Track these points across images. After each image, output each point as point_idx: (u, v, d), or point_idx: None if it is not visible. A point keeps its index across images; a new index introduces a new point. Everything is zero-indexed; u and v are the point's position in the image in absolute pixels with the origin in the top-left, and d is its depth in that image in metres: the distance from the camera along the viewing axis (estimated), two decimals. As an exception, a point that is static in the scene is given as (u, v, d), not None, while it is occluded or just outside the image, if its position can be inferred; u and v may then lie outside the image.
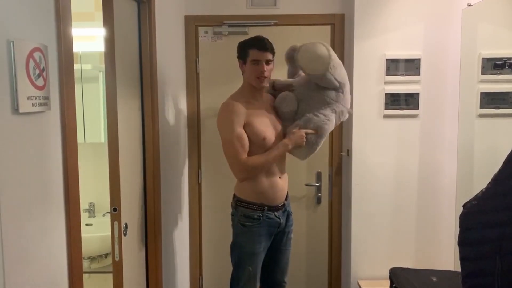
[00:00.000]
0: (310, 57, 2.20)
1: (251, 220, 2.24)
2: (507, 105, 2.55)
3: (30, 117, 1.20)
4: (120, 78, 1.98)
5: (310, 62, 2.21)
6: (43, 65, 1.23)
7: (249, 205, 2.25)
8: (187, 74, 3.05)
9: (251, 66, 2.20)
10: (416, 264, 2.89)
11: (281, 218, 2.31)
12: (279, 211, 2.30)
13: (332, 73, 2.21)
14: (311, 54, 2.20)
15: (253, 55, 2.18)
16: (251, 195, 2.24)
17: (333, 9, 3.01)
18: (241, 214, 2.27)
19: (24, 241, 1.19)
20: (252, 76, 2.21)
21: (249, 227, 2.25)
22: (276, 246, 2.37)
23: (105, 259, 3.09)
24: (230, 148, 2.18)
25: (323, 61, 2.18)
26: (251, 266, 2.25)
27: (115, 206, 1.96)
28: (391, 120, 2.86)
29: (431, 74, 2.83)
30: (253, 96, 2.27)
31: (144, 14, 2.25)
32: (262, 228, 2.25)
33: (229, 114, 2.17)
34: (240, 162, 2.16)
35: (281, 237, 2.37)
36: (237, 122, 2.15)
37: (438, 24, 2.81)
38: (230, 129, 2.15)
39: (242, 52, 2.23)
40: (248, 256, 2.26)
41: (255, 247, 2.25)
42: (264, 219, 2.24)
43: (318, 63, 2.19)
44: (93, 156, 3.07)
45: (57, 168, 1.36)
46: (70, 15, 1.42)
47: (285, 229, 2.37)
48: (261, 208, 2.24)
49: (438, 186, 2.90)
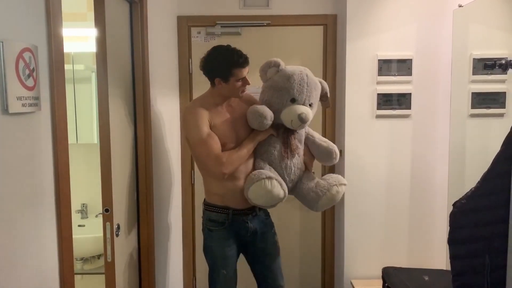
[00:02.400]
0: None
1: (216, 224, 2.21)
2: (497, 105, 2.57)
3: (20, 117, 1.20)
4: (112, 79, 1.98)
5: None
6: (33, 65, 1.23)
7: (214, 208, 2.21)
8: (180, 74, 3.05)
9: (235, 84, 2.11)
10: (409, 263, 2.91)
11: (251, 222, 2.25)
12: (247, 215, 2.24)
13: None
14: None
15: (240, 74, 2.09)
16: (216, 198, 2.20)
17: (326, 9, 3.02)
18: (207, 219, 2.24)
19: (14, 243, 1.19)
20: (237, 92, 2.15)
21: (215, 231, 2.22)
22: (263, 253, 2.33)
23: (98, 260, 3.08)
24: (202, 148, 2.09)
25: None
26: (225, 269, 2.22)
27: (107, 207, 1.96)
28: (384, 120, 2.87)
29: (423, 75, 2.85)
30: (222, 103, 2.20)
31: (136, 14, 2.24)
32: (228, 232, 2.22)
33: (193, 117, 2.11)
34: (216, 156, 2.06)
35: (264, 242, 2.32)
36: (204, 123, 2.09)
37: (430, 25, 2.83)
38: (199, 131, 2.08)
39: (224, 72, 2.09)
40: (221, 260, 2.23)
41: (225, 251, 2.22)
42: (230, 222, 2.20)
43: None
44: (85, 157, 3.06)
45: (48, 169, 1.36)
46: (61, 15, 1.41)
47: (265, 234, 2.32)
48: (226, 212, 2.19)
49: (430, 185, 2.91)
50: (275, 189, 2.08)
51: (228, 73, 2.09)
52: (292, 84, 2.11)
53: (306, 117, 2.09)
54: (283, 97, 2.13)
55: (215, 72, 2.13)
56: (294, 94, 2.12)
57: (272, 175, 2.11)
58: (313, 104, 2.19)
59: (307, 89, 2.13)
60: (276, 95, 2.15)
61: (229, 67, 2.08)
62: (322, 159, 2.32)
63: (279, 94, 2.14)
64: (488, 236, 1.35)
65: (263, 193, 2.09)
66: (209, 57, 2.14)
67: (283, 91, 2.13)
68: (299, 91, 2.12)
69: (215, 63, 2.13)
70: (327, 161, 2.31)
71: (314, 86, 2.17)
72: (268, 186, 2.07)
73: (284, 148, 2.19)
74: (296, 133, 2.22)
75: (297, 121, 2.10)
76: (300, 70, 2.16)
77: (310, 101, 2.16)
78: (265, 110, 2.11)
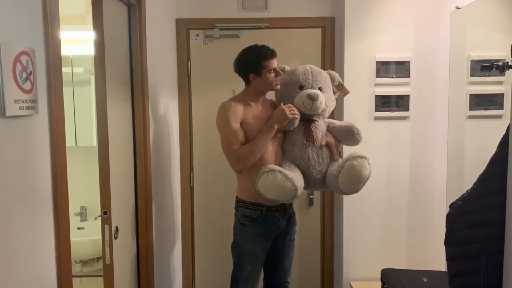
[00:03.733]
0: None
1: (249, 219, 2.27)
2: (495, 107, 2.57)
3: (17, 120, 1.20)
4: (110, 81, 1.98)
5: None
6: (30, 68, 1.23)
7: (248, 205, 2.28)
8: (178, 77, 3.06)
9: (268, 76, 2.22)
10: (408, 265, 2.91)
11: (281, 218, 2.32)
12: (279, 211, 2.31)
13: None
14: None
15: (270, 65, 2.21)
16: (249, 196, 2.26)
17: (324, 12, 3.03)
18: (240, 214, 2.30)
19: (11, 245, 1.19)
20: (271, 84, 2.25)
21: (248, 227, 2.27)
22: (278, 247, 2.39)
23: (97, 262, 3.08)
24: (224, 142, 2.21)
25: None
26: (251, 265, 2.27)
27: (105, 209, 1.96)
28: (382, 122, 2.88)
29: (421, 76, 2.86)
30: (256, 101, 2.29)
31: (135, 17, 2.25)
32: (261, 228, 2.27)
33: (225, 112, 2.21)
34: (232, 152, 2.18)
35: (283, 238, 2.39)
36: (233, 118, 2.19)
37: (428, 27, 2.84)
38: (226, 125, 2.19)
39: (255, 66, 2.22)
40: (248, 256, 2.28)
41: (253, 247, 2.28)
42: (263, 219, 2.26)
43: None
44: (85, 160, 3.06)
45: (46, 171, 1.36)
46: (58, 18, 1.42)
47: (287, 230, 2.39)
48: (259, 209, 2.26)
49: (428, 187, 2.92)
50: (278, 181, 2.11)
51: (259, 66, 2.21)
52: (297, 75, 2.29)
53: (315, 94, 2.21)
54: (292, 88, 2.28)
55: (247, 68, 2.25)
56: (300, 81, 2.27)
57: (276, 168, 2.14)
58: (322, 88, 2.29)
59: (312, 76, 2.28)
60: (286, 88, 2.30)
61: (259, 61, 2.21)
62: (346, 139, 2.34)
63: (288, 87, 2.29)
64: (485, 237, 1.35)
65: (269, 185, 2.13)
66: (240, 57, 2.28)
67: (291, 83, 2.29)
68: (305, 78, 2.28)
69: (246, 60, 2.26)
70: (351, 139, 2.33)
71: (319, 73, 2.31)
72: (270, 178, 2.12)
73: (306, 138, 2.25)
74: (315, 122, 2.27)
75: (307, 100, 2.21)
76: (303, 65, 2.35)
77: (318, 85, 2.28)
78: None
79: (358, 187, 2.22)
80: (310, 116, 2.27)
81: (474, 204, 1.38)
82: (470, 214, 1.39)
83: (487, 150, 2.37)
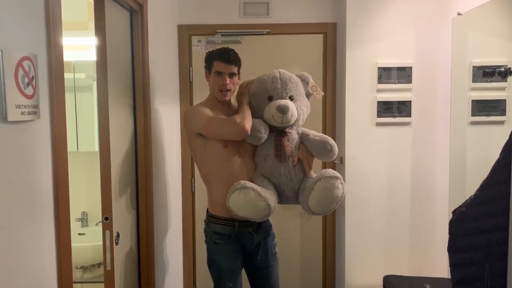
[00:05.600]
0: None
1: (221, 237, 2.18)
2: (498, 113, 2.57)
3: (19, 125, 1.20)
4: (112, 87, 1.98)
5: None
6: (32, 74, 1.23)
7: (220, 221, 2.18)
8: (180, 82, 3.07)
9: (214, 78, 2.15)
10: (410, 271, 2.89)
11: (255, 234, 2.22)
12: (252, 226, 2.20)
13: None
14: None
15: (217, 67, 2.13)
16: (222, 210, 2.15)
17: (326, 18, 3.04)
18: (212, 231, 2.20)
19: (11, 251, 1.18)
20: (215, 88, 2.17)
21: (221, 245, 2.18)
22: (262, 265, 2.29)
23: (98, 268, 3.06)
24: (213, 123, 2.08)
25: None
26: (231, 282, 2.21)
27: (106, 215, 1.95)
28: (384, 128, 2.87)
29: (422, 82, 2.86)
30: (219, 106, 2.21)
31: (137, 23, 2.26)
32: (235, 243, 2.19)
33: (194, 110, 2.18)
34: (229, 120, 2.06)
35: (265, 255, 2.28)
36: (206, 111, 2.12)
37: (429, 33, 2.84)
38: (202, 115, 2.10)
39: (207, 62, 2.19)
40: (227, 273, 2.21)
41: (231, 263, 2.21)
42: (236, 235, 2.17)
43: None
44: (86, 165, 3.06)
45: (47, 177, 1.36)
46: (61, 24, 1.42)
47: (266, 245, 2.27)
48: (231, 224, 2.16)
49: (430, 193, 2.91)
50: (250, 199, 2.00)
51: (210, 64, 2.18)
52: (265, 84, 2.14)
53: (284, 107, 2.05)
54: (260, 99, 2.15)
55: (205, 63, 2.22)
56: (269, 91, 2.13)
57: (248, 185, 2.02)
58: (293, 96, 2.14)
59: (280, 83, 2.13)
60: (254, 99, 2.16)
61: (212, 58, 2.17)
62: (319, 154, 2.16)
63: (256, 98, 2.16)
64: (488, 244, 1.35)
65: (240, 203, 2.03)
66: (208, 51, 2.26)
67: (259, 93, 2.15)
68: (273, 87, 2.12)
69: (207, 54, 2.22)
70: (324, 155, 2.16)
71: (288, 79, 2.15)
72: (242, 197, 2.01)
73: (277, 152, 2.12)
74: (288, 135, 2.14)
75: (277, 113, 2.06)
76: (272, 71, 2.19)
77: (289, 93, 2.13)
78: (259, 123, 2.10)
79: (329, 208, 2.11)
80: (281, 128, 2.14)
81: (478, 211, 1.37)
82: (474, 221, 1.38)
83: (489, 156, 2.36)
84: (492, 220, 1.34)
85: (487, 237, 1.35)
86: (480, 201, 1.37)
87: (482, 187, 1.37)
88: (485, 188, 1.36)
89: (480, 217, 1.37)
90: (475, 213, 1.38)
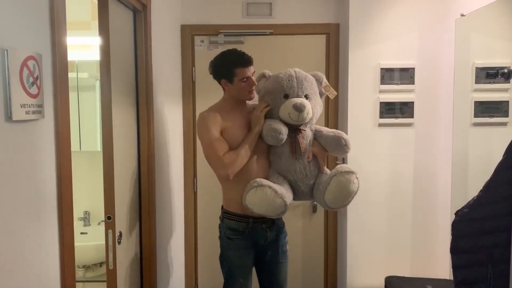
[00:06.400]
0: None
1: (236, 233, 2.20)
2: (500, 114, 2.56)
3: (24, 125, 1.21)
4: (115, 87, 1.99)
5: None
6: (37, 73, 1.24)
7: (235, 217, 2.20)
8: (183, 82, 3.07)
9: (240, 84, 2.15)
10: (412, 272, 2.89)
11: (269, 230, 2.24)
12: (266, 223, 2.22)
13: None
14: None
15: (242, 74, 2.13)
16: (236, 206, 2.18)
17: (328, 18, 3.04)
18: (226, 227, 2.23)
19: (15, 250, 1.19)
20: (244, 93, 2.18)
21: (234, 240, 2.21)
22: (271, 261, 2.31)
23: (100, 268, 3.07)
24: (209, 150, 2.11)
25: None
26: (242, 278, 2.23)
27: (109, 214, 1.96)
28: (386, 129, 2.87)
29: (425, 83, 2.85)
30: (235, 108, 2.22)
31: (140, 23, 2.26)
32: (248, 240, 2.21)
33: (204, 122, 2.15)
34: (219, 157, 2.07)
35: (275, 251, 2.30)
36: (214, 128, 2.12)
37: (432, 33, 2.84)
38: (208, 134, 2.11)
39: (226, 73, 2.16)
40: (239, 269, 2.24)
41: (243, 259, 2.23)
42: (250, 231, 2.19)
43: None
44: (89, 165, 3.07)
45: (51, 176, 1.37)
46: (65, 24, 1.43)
47: (278, 242, 2.30)
48: (246, 220, 2.19)
49: (433, 194, 2.90)
50: (267, 197, 2.04)
51: (230, 73, 2.14)
52: (281, 82, 2.15)
53: (301, 105, 2.07)
54: (276, 97, 2.16)
55: (220, 73, 2.20)
56: (285, 89, 2.14)
57: (265, 183, 2.07)
58: (309, 95, 2.17)
59: (297, 82, 2.15)
60: (270, 97, 2.18)
61: (231, 67, 2.14)
62: (334, 149, 2.20)
63: (272, 95, 2.17)
64: (491, 245, 1.34)
65: (257, 201, 2.07)
66: (215, 60, 2.22)
67: (275, 91, 2.16)
68: (289, 86, 2.14)
69: (219, 64, 2.20)
70: (338, 150, 2.20)
71: (304, 78, 2.18)
72: (259, 194, 2.05)
73: (292, 149, 2.15)
74: (302, 132, 2.17)
75: (293, 111, 2.08)
76: (287, 69, 2.20)
77: (304, 92, 2.15)
78: (279, 125, 2.12)
79: (346, 202, 2.13)
80: (296, 126, 2.16)
81: (480, 212, 1.37)
82: (476, 222, 1.38)
83: (491, 158, 2.36)
84: (495, 222, 1.34)
85: (490, 238, 1.35)
86: (483, 202, 1.37)
87: (485, 188, 1.37)
88: (488, 189, 1.36)
89: (483, 219, 1.37)
90: (478, 215, 1.38)
